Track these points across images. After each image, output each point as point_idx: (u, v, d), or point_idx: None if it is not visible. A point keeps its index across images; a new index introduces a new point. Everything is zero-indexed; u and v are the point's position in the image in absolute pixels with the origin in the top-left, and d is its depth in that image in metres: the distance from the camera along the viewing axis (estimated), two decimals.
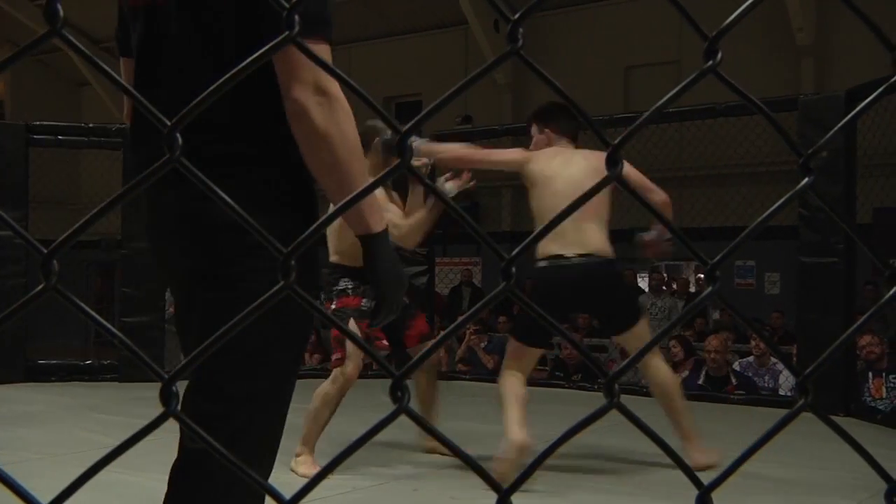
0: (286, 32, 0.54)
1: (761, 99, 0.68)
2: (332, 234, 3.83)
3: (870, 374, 5.89)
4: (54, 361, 7.03)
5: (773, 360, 6.66)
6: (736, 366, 6.84)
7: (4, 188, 6.30)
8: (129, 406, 5.30)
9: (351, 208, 1.42)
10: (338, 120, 1.37)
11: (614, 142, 0.60)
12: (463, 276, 11.26)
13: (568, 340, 0.61)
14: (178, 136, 0.53)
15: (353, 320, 3.69)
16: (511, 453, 3.35)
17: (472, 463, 0.57)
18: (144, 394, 5.63)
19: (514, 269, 0.55)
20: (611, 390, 0.57)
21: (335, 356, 3.72)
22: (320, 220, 0.57)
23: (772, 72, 10.51)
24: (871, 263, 7.21)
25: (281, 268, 0.52)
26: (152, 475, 3.11)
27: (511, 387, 3.58)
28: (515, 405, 3.51)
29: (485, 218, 12.70)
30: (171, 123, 0.52)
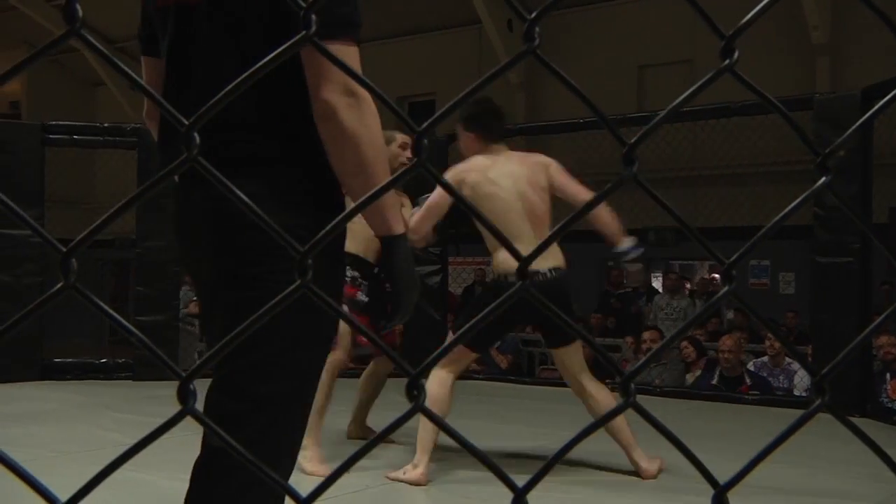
0: (303, 32, 0.54)
1: (776, 98, 0.68)
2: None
3: (887, 375, 5.85)
4: (70, 360, 7.07)
5: (788, 360, 6.63)
6: (750, 366, 6.81)
7: (21, 187, 6.33)
8: (144, 404, 5.33)
9: (373, 209, 1.43)
10: (366, 121, 1.37)
11: (630, 141, 0.60)
12: (476, 276, 11.25)
13: (584, 339, 0.61)
14: (196, 135, 0.53)
15: (346, 308, 3.73)
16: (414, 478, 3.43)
17: (487, 461, 0.57)
18: (159, 392, 5.67)
19: (528, 269, 0.55)
20: (627, 389, 0.57)
21: None
22: (336, 219, 0.57)
23: (786, 70, 10.45)
24: (887, 263, 7.17)
25: (298, 267, 0.53)
26: (165, 473, 3.14)
27: (437, 398, 3.48)
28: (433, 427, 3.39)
29: None
30: (188, 123, 0.52)
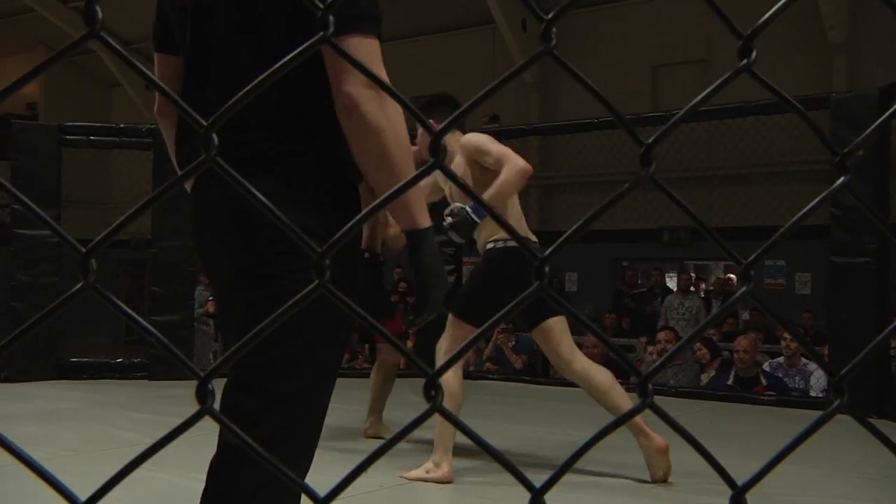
0: (320, 33, 0.54)
1: (792, 97, 0.67)
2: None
3: None
4: (86, 360, 7.13)
5: (804, 360, 6.58)
6: (766, 366, 6.77)
7: (39, 188, 6.39)
8: (160, 404, 5.35)
9: (399, 203, 1.42)
10: (389, 113, 1.36)
11: (647, 141, 0.60)
12: None
13: (600, 338, 0.61)
14: (214, 136, 0.53)
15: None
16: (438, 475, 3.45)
17: (504, 461, 0.57)
18: (174, 392, 5.70)
19: (546, 269, 0.55)
20: (644, 390, 0.56)
21: None
22: (357, 216, 0.57)
23: (803, 70, 10.38)
24: None
25: (315, 267, 0.53)
26: (182, 472, 3.15)
27: (454, 389, 3.47)
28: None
29: None
30: (206, 124, 0.53)
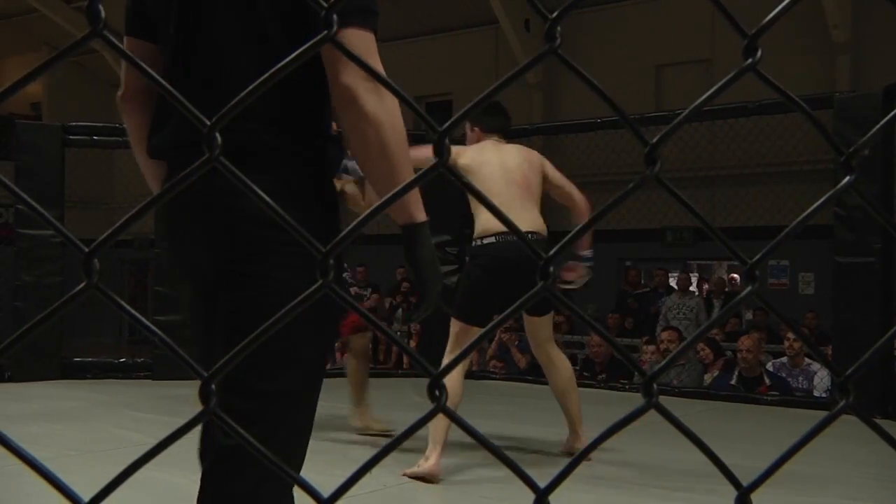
0: (324, 32, 0.54)
1: (796, 97, 0.67)
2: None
3: None
4: (89, 359, 7.13)
5: (808, 360, 6.57)
6: (769, 366, 6.75)
7: (42, 188, 6.39)
8: (163, 404, 5.36)
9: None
10: (387, 105, 1.35)
11: (651, 141, 0.59)
12: None
13: (604, 338, 0.61)
14: (218, 135, 0.53)
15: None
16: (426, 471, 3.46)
17: (509, 462, 0.57)
18: (177, 391, 5.70)
19: (552, 269, 0.55)
20: (649, 390, 0.56)
21: None
22: (364, 213, 0.57)
23: (806, 69, 10.37)
24: None
25: (320, 266, 0.53)
26: (183, 472, 3.14)
27: (454, 388, 3.47)
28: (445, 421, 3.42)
29: None
30: (210, 123, 0.52)
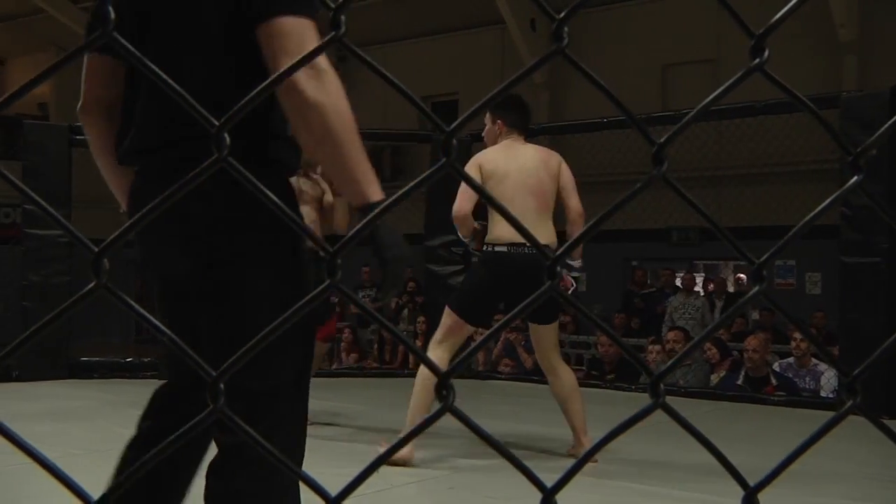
0: (332, 33, 0.54)
1: (803, 97, 0.67)
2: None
3: None
4: (96, 359, 7.15)
5: (814, 360, 6.55)
6: (776, 367, 6.74)
7: (49, 188, 6.41)
8: None
9: (347, 177, 1.42)
10: (328, 91, 1.35)
11: (659, 141, 0.60)
12: None
13: (612, 338, 0.61)
14: (226, 136, 0.53)
15: None
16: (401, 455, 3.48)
17: (515, 461, 0.57)
18: None
19: (559, 269, 0.55)
20: (656, 390, 0.56)
21: None
22: (369, 216, 0.57)
23: (813, 69, 10.34)
24: None
25: (328, 266, 0.53)
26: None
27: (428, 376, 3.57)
28: (427, 398, 3.58)
29: None
30: (219, 123, 0.53)
